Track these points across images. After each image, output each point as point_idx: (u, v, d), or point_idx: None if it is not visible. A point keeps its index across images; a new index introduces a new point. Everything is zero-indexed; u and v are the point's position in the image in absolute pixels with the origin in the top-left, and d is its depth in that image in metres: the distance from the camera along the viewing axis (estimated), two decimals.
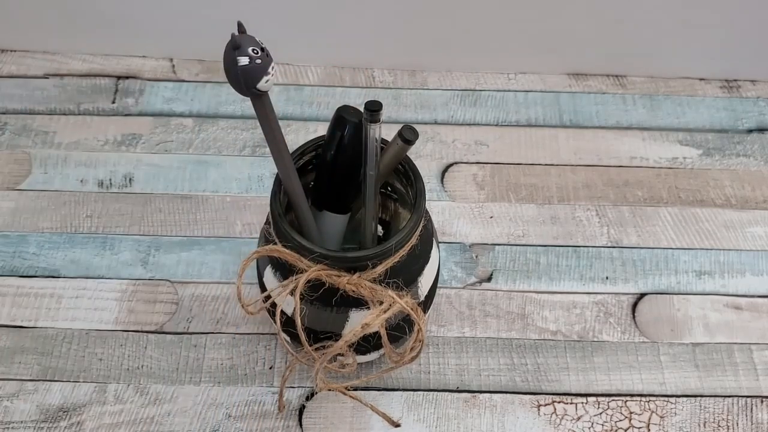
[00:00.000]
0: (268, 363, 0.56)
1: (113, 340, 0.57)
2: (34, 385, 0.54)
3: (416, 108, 0.71)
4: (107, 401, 0.54)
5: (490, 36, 0.71)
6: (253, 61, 0.37)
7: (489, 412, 0.54)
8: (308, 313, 0.47)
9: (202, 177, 0.66)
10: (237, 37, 0.37)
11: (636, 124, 0.71)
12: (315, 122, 0.70)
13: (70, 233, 0.62)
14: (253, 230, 0.63)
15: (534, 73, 0.75)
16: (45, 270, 0.60)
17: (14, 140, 0.68)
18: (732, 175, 0.68)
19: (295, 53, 0.73)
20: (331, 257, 0.43)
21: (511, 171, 0.67)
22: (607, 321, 0.59)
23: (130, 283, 0.60)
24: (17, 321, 0.57)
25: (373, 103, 0.43)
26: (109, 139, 0.68)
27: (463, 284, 0.60)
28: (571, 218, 0.64)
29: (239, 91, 0.39)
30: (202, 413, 0.53)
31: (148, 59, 0.74)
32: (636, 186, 0.67)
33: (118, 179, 0.65)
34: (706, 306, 0.60)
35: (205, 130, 0.69)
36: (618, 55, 0.73)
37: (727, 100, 0.73)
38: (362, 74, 0.74)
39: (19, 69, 0.73)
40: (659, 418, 0.54)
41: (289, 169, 0.44)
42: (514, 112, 0.72)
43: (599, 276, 0.61)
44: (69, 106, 0.70)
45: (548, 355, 0.57)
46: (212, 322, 0.58)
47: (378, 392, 0.55)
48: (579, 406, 0.54)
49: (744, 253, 0.63)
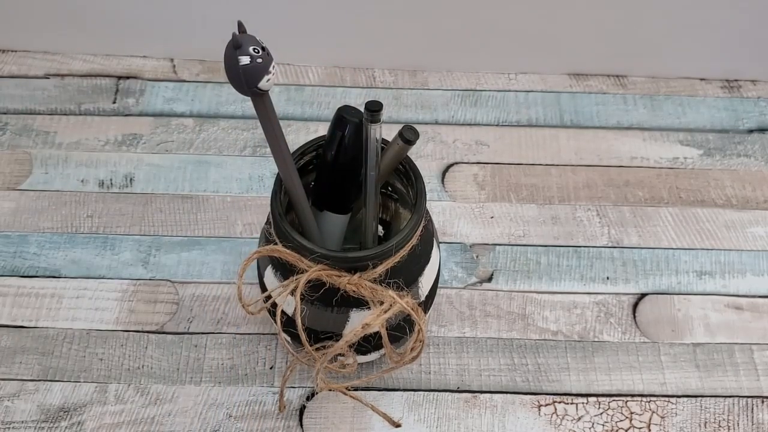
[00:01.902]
0: (268, 363, 0.56)
1: (114, 340, 0.57)
2: (34, 385, 0.54)
3: (417, 108, 0.71)
4: (108, 401, 0.54)
5: (491, 36, 0.71)
6: (254, 60, 0.37)
7: (489, 412, 0.54)
8: (309, 313, 0.47)
9: (203, 177, 0.66)
10: (238, 36, 0.37)
11: (637, 124, 0.71)
12: (316, 122, 0.70)
13: (70, 233, 0.62)
14: (253, 230, 0.63)
15: (534, 73, 0.75)
16: (46, 270, 0.60)
17: (15, 140, 0.68)
18: (733, 175, 0.68)
19: (295, 53, 0.73)
20: (332, 257, 0.43)
21: (511, 171, 0.67)
22: (607, 321, 0.59)
23: (130, 283, 0.60)
24: (18, 321, 0.58)
25: (374, 104, 0.43)
26: (109, 139, 0.68)
27: (464, 284, 0.60)
28: (572, 218, 0.64)
29: (240, 90, 0.39)
30: (202, 413, 0.53)
31: (149, 59, 0.74)
32: (637, 186, 0.66)
33: (118, 179, 0.66)
34: (706, 306, 0.60)
35: (206, 130, 0.69)
36: (618, 55, 0.73)
37: (727, 100, 0.73)
38: (363, 74, 0.74)
39: (20, 69, 0.73)
40: (660, 419, 0.54)
41: (290, 169, 0.44)
42: (515, 112, 0.71)
43: (600, 276, 0.61)
44: (70, 106, 0.70)
45: (549, 355, 0.57)
46: (213, 322, 0.58)
47: (378, 392, 0.55)
48: (579, 407, 0.54)
49: (745, 254, 0.63)
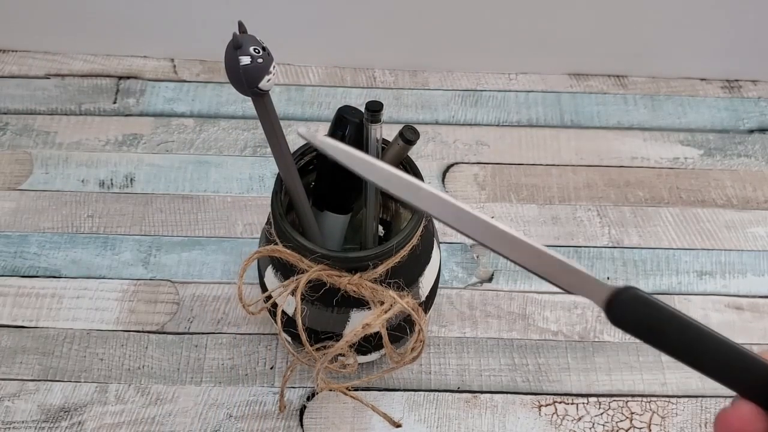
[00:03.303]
0: (269, 363, 0.56)
1: (114, 340, 0.57)
2: (35, 385, 0.54)
3: (417, 108, 0.71)
4: (108, 401, 0.54)
5: (491, 36, 0.71)
6: (254, 60, 0.37)
7: (490, 412, 0.54)
8: (309, 313, 0.47)
9: (203, 177, 0.66)
10: (238, 36, 0.37)
11: (637, 125, 0.71)
12: (316, 122, 0.70)
13: (71, 233, 0.62)
14: (254, 230, 0.63)
15: (535, 73, 0.74)
16: (46, 270, 0.60)
17: (15, 140, 0.68)
18: (733, 175, 0.68)
19: (295, 53, 0.73)
20: (332, 257, 0.43)
21: (512, 171, 0.67)
22: (608, 321, 0.58)
23: (131, 283, 0.60)
24: (18, 321, 0.58)
25: (374, 104, 0.43)
26: (110, 140, 0.68)
27: (464, 284, 0.60)
28: (572, 218, 0.64)
29: (241, 90, 0.39)
30: (203, 413, 0.53)
31: (150, 59, 0.74)
32: (637, 186, 0.66)
33: (119, 179, 0.66)
34: (707, 306, 0.60)
35: (206, 131, 0.69)
36: (619, 56, 0.73)
37: (728, 100, 0.73)
38: (363, 74, 0.74)
39: (20, 69, 0.73)
40: (660, 419, 0.54)
41: (291, 169, 0.44)
42: (515, 112, 0.71)
43: (600, 276, 0.61)
44: (70, 106, 0.70)
45: (549, 355, 0.57)
46: (213, 323, 0.58)
47: (379, 392, 0.55)
48: (580, 407, 0.54)
49: (745, 254, 0.63)
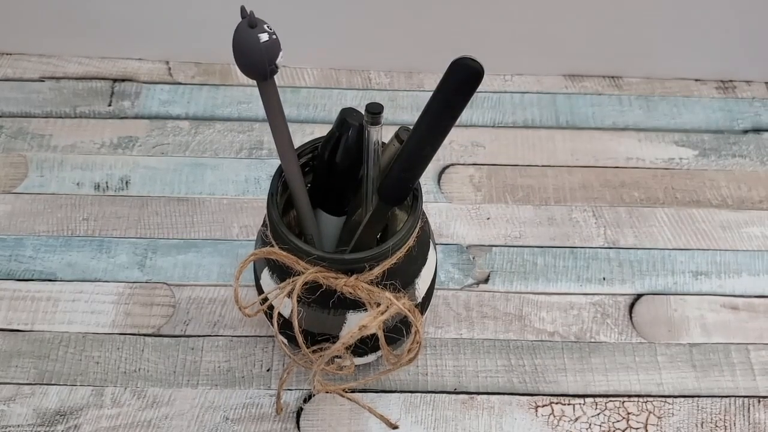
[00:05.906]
0: (265, 365, 0.56)
1: (110, 343, 0.57)
2: (30, 389, 0.54)
3: (413, 110, 0.71)
4: (104, 405, 0.54)
5: (487, 37, 0.71)
6: (271, 36, 0.38)
7: (487, 413, 0.54)
8: (305, 315, 0.47)
9: (199, 179, 0.66)
10: (253, 16, 0.37)
11: (632, 125, 0.71)
12: (311, 124, 0.70)
13: (66, 236, 0.62)
14: (249, 232, 0.63)
15: (530, 74, 0.75)
16: (41, 273, 0.60)
17: (10, 143, 0.68)
18: (728, 175, 0.68)
19: (291, 55, 0.73)
20: (329, 259, 0.43)
21: (507, 172, 0.67)
22: (604, 322, 0.59)
23: (126, 286, 0.59)
24: (13, 324, 0.57)
25: (375, 106, 0.43)
26: (105, 142, 0.68)
27: (461, 286, 0.60)
28: (568, 219, 0.64)
29: (253, 73, 0.39)
30: (199, 416, 0.53)
31: (145, 62, 0.74)
32: (632, 187, 0.67)
33: (114, 182, 0.65)
34: (703, 306, 0.60)
35: (202, 133, 0.69)
36: (614, 57, 0.73)
37: (722, 100, 0.73)
38: (359, 76, 0.74)
39: (15, 72, 0.73)
40: (657, 419, 0.54)
41: (288, 151, 0.44)
42: (511, 113, 0.72)
43: (596, 277, 0.61)
44: (65, 109, 0.70)
45: (546, 356, 0.57)
46: (209, 325, 0.58)
47: (376, 394, 0.55)
48: (577, 407, 0.54)
49: (740, 254, 0.63)
